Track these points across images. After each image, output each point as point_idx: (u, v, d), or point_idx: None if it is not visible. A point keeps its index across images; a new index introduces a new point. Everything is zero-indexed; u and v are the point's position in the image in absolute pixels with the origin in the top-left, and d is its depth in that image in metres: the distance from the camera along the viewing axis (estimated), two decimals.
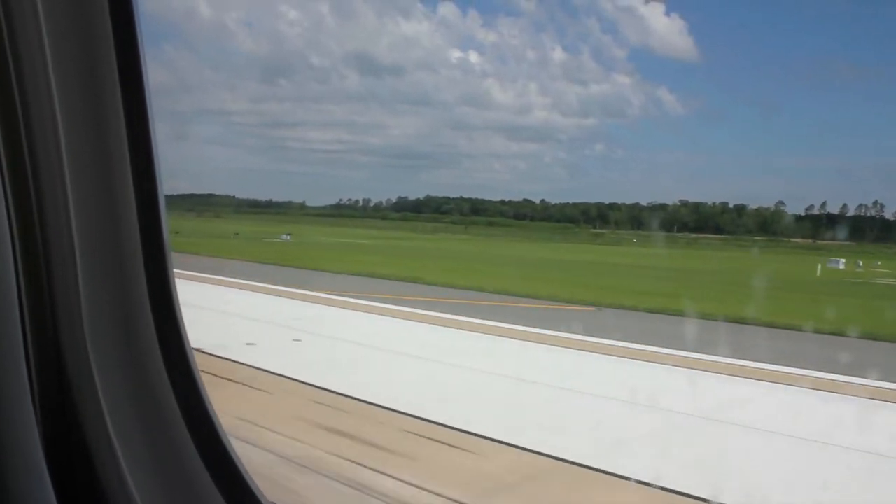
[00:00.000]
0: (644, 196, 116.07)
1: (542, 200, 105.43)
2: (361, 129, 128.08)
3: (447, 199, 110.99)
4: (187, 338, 1.34)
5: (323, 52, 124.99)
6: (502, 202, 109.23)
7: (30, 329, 1.16)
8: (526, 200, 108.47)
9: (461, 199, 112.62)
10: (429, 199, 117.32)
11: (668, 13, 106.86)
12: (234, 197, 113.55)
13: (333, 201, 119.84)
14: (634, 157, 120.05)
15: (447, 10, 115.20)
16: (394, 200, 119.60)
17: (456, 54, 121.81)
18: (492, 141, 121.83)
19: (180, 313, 1.33)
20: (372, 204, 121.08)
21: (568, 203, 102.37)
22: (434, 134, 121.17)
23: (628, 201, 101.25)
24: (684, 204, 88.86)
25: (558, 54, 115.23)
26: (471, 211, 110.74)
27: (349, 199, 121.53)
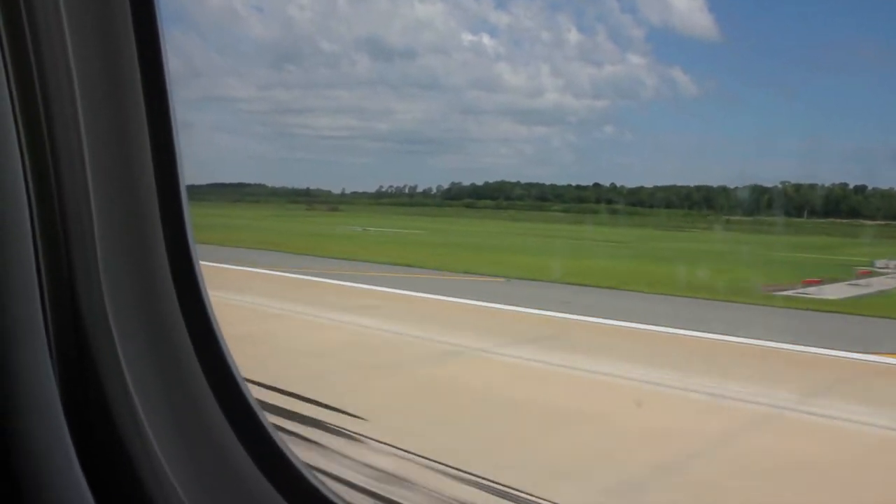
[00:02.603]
0: (661, 178, 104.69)
1: (612, 184, 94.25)
2: (370, 114, 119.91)
3: (507, 184, 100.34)
4: (206, 291, 1.35)
5: (333, 36, 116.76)
6: (577, 187, 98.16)
7: (46, 280, 1.17)
8: (596, 185, 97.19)
9: (529, 184, 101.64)
10: (487, 185, 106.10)
11: None
12: (265, 185, 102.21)
13: (371, 188, 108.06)
14: (644, 139, 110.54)
15: None
16: (445, 186, 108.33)
17: (469, 37, 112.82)
18: (501, 125, 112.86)
19: (199, 266, 1.35)
20: (419, 190, 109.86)
21: (647, 187, 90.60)
22: (443, 119, 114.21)
23: (652, 183, 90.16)
24: (796, 186, 77.58)
25: (574, 35, 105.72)
26: (539, 198, 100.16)
27: (391, 186, 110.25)
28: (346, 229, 40.76)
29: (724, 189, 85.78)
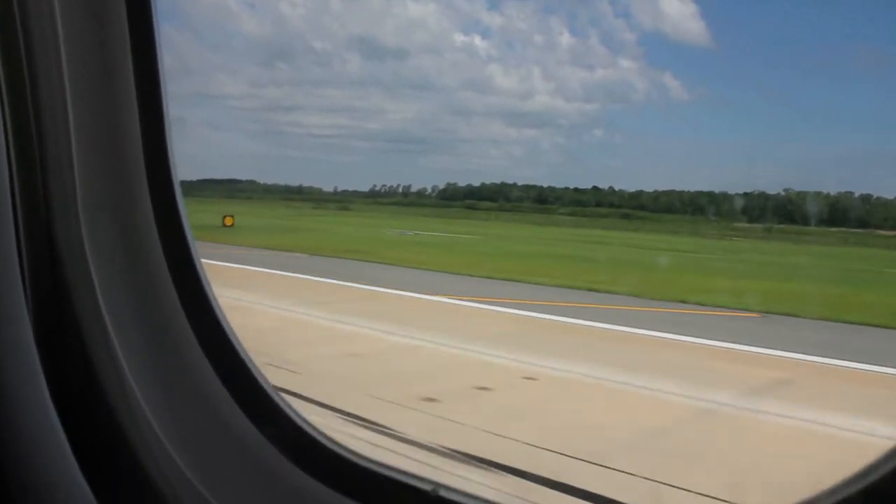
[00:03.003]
0: (653, 183, 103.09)
1: (610, 188, 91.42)
2: (361, 114, 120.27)
3: (506, 186, 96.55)
4: (189, 229, 1.32)
5: (325, 34, 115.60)
6: (575, 190, 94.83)
7: (22, 222, 1.15)
8: (595, 188, 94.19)
9: (526, 186, 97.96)
10: (484, 186, 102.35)
11: None
12: (256, 182, 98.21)
13: (363, 187, 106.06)
14: (636, 143, 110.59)
15: None
16: (440, 187, 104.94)
17: (461, 38, 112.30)
18: (491, 126, 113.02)
19: (181, 201, 1.32)
20: (413, 190, 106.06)
21: (648, 191, 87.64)
22: (433, 119, 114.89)
23: (649, 187, 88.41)
24: (801, 194, 75.15)
25: (566, 38, 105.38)
26: (538, 200, 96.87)
27: (384, 186, 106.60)
28: (394, 233, 36.37)
29: (728, 195, 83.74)
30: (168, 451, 1.22)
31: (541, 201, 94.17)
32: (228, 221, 30.88)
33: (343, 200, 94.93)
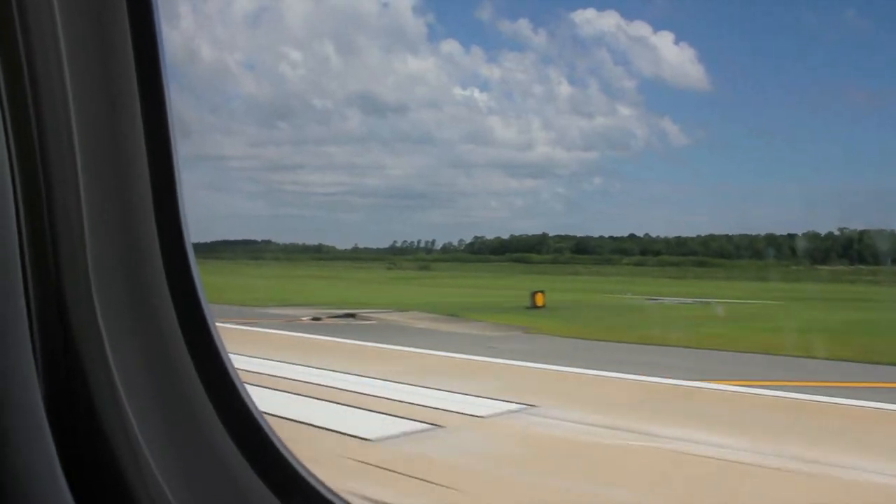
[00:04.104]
0: (655, 228, 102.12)
1: (646, 235, 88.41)
2: (360, 170, 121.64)
3: (547, 238, 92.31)
4: (203, 291, 1.33)
5: (325, 92, 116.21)
6: (612, 238, 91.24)
7: (32, 277, 1.17)
8: (632, 236, 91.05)
9: (560, 237, 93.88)
10: (513, 238, 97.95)
11: (677, 42, 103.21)
12: (274, 242, 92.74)
13: (381, 244, 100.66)
14: (633, 189, 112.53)
15: (453, 47, 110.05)
16: (468, 241, 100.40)
17: (460, 91, 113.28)
18: (491, 178, 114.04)
19: (193, 261, 1.33)
20: (438, 247, 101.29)
21: (691, 237, 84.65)
22: (433, 173, 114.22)
23: (673, 234, 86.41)
24: (864, 233, 73.24)
25: (565, 88, 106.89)
26: (576, 250, 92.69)
27: (404, 242, 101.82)
28: (621, 299, 30.59)
29: (785, 237, 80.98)
30: (158, 478, 1.21)
31: (579, 251, 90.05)
32: (540, 300, 23.21)
33: (369, 258, 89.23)
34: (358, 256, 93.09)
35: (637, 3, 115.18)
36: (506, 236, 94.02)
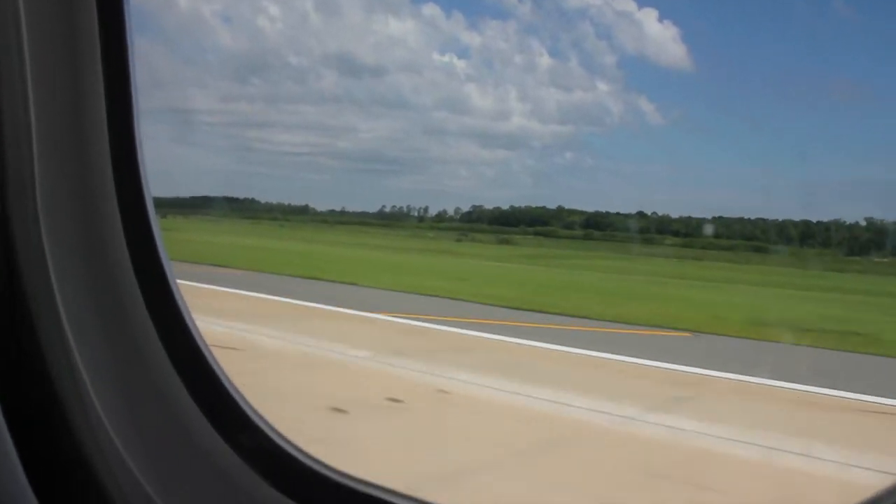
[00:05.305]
0: (624, 205, 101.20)
1: (654, 213, 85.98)
2: (333, 131, 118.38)
3: (562, 211, 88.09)
4: (160, 236, 1.26)
5: (302, 49, 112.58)
6: (619, 214, 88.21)
7: None
8: (640, 213, 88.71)
9: (571, 210, 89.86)
10: (514, 209, 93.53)
11: (660, 19, 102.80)
12: (257, 201, 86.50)
13: (373, 208, 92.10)
14: (605, 166, 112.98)
15: (434, 11, 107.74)
16: (465, 210, 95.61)
17: (440, 57, 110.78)
18: (464, 147, 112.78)
19: (160, 238, 1.27)
20: (432, 214, 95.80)
21: (705, 218, 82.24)
22: (406, 138, 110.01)
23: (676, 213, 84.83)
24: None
25: (545, 59, 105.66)
26: (586, 225, 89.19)
27: (394, 206, 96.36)
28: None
29: (815, 224, 78.38)
30: (129, 467, 1.15)
31: (589, 227, 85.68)
32: None
33: (367, 223, 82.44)
34: (348, 221, 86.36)
35: None
36: (505, 207, 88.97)
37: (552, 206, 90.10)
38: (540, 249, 53.09)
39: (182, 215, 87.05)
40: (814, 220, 76.45)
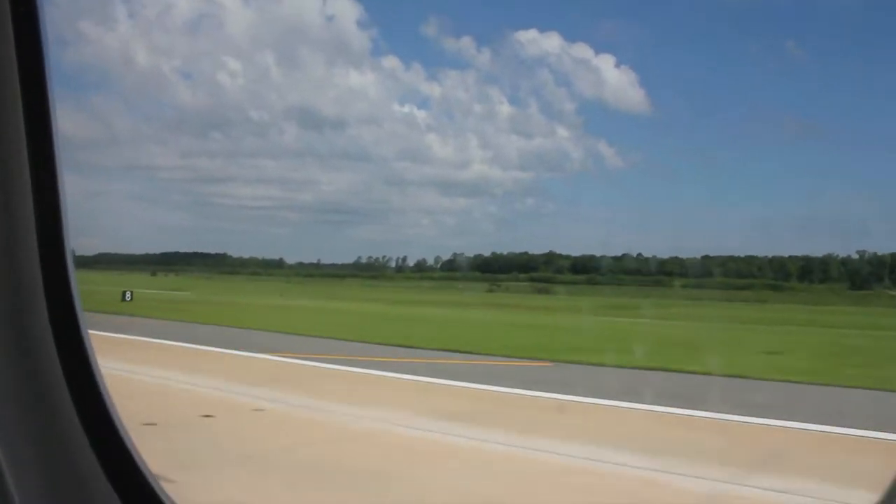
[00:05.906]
0: (590, 248, 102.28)
1: (639, 254, 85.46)
2: (294, 185, 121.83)
3: (527, 256, 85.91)
4: (78, 296, 1.27)
5: (263, 104, 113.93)
6: (613, 258, 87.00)
7: None
8: (626, 255, 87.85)
9: (552, 254, 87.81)
10: (496, 256, 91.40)
11: (618, 65, 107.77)
12: (228, 255, 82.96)
13: (344, 259, 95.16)
14: (567, 210, 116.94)
15: (394, 63, 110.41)
16: (444, 258, 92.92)
17: (401, 108, 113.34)
18: (425, 196, 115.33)
19: (76, 294, 1.27)
20: (410, 264, 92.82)
21: (691, 258, 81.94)
22: (367, 189, 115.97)
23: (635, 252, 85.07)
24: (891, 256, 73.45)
25: (505, 107, 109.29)
26: (572, 269, 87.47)
27: (370, 258, 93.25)
28: None
29: (819, 260, 77.71)
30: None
31: (578, 271, 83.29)
32: None
33: (350, 275, 77.46)
34: (327, 273, 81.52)
35: (582, 26, 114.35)
36: (487, 254, 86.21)
37: (517, 251, 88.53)
38: (605, 299, 49.48)
39: (174, 272, 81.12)
40: (812, 255, 76.99)
